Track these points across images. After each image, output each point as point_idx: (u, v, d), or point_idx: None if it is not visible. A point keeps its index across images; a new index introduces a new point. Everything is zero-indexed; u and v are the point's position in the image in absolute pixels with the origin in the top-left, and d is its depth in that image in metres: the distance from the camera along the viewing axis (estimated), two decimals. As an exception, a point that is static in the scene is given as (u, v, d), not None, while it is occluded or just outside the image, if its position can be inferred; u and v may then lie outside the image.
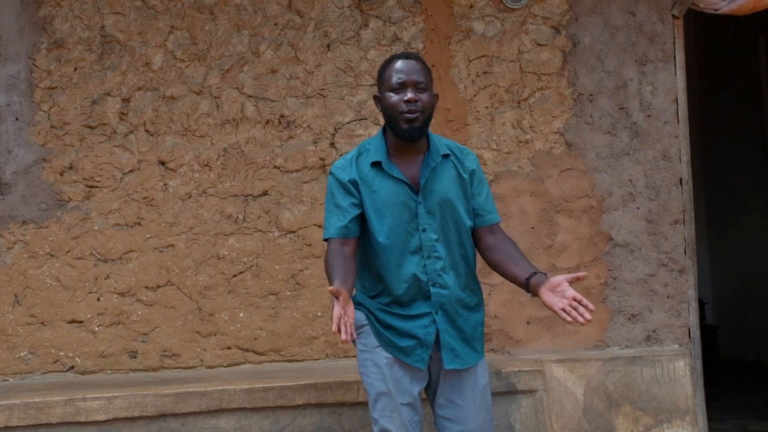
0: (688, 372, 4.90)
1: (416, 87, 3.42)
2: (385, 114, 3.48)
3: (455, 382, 3.51)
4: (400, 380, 3.44)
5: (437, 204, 3.47)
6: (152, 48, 4.87)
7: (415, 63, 3.46)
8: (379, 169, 3.47)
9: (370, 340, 3.49)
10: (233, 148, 4.89)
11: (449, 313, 3.49)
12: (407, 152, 3.50)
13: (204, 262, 4.84)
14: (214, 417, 4.20)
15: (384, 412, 3.44)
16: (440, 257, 3.47)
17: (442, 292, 3.47)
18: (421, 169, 3.48)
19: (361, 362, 3.53)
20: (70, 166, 4.77)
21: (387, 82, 3.45)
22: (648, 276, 5.07)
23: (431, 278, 3.46)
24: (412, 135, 3.42)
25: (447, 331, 3.47)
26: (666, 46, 5.18)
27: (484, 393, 3.57)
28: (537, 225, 5.02)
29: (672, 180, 5.13)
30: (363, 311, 3.51)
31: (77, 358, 4.73)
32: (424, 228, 3.45)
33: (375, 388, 3.46)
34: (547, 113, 5.08)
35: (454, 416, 3.51)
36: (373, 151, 3.50)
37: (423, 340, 3.45)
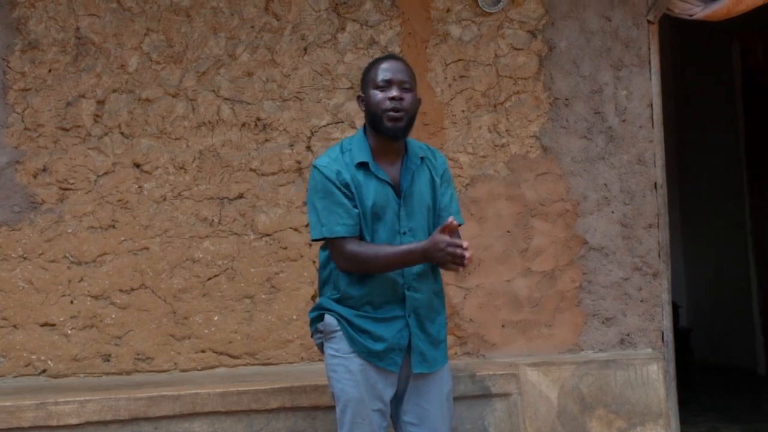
0: (661, 375, 4.93)
1: (401, 86, 3.45)
2: (369, 113, 3.49)
3: (422, 386, 3.53)
4: (374, 386, 3.45)
5: (416, 208, 3.50)
6: (128, 50, 4.84)
7: (400, 64, 3.52)
8: (366, 170, 3.48)
9: (342, 346, 3.48)
10: (209, 150, 4.87)
11: (420, 317, 3.50)
12: (388, 154, 3.52)
13: (179, 265, 4.82)
14: (187, 421, 4.19)
15: (355, 418, 3.44)
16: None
17: (416, 296, 3.48)
18: (401, 172, 3.50)
19: (331, 368, 3.52)
20: (44, 168, 4.74)
21: (372, 81, 3.49)
22: (622, 280, 5.10)
23: (407, 282, 3.47)
24: (395, 133, 3.44)
25: (417, 335, 3.49)
26: (641, 51, 5.21)
27: (448, 397, 3.61)
28: (513, 229, 5.03)
29: (647, 184, 5.15)
30: (334, 317, 3.51)
31: (50, 362, 4.70)
32: (405, 231, 3.47)
33: (347, 394, 3.46)
34: (523, 117, 5.10)
35: (420, 420, 3.52)
36: (356, 152, 3.50)
37: (396, 343, 3.46)
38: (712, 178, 9.64)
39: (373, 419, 3.43)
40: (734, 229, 9.22)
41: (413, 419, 3.53)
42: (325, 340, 3.55)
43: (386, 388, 3.48)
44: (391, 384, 3.49)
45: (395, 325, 3.47)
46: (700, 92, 9.67)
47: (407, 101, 3.45)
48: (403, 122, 3.44)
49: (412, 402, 3.53)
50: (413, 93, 3.50)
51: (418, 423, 3.53)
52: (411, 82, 3.50)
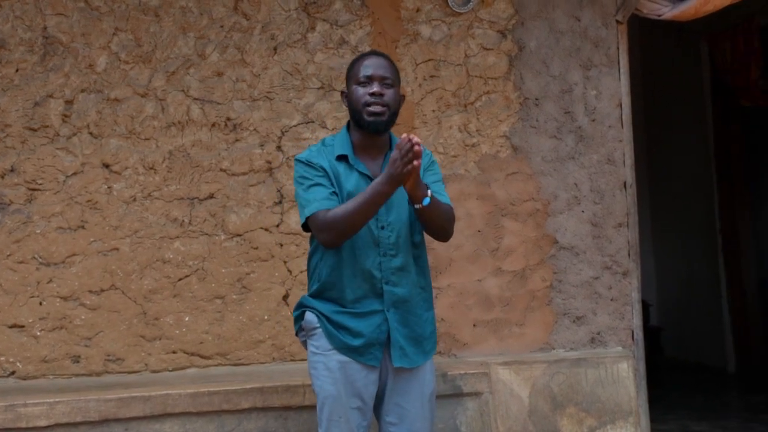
0: (631, 373, 4.95)
1: (382, 81, 3.47)
2: (351, 108, 3.52)
3: (403, 386, 3.52)
4: (353, 384, 3.43)
5: (396, 202, 3.49)
6: (96, 49, 4.81)
7: (383, 60, 3.53)
8: (345, 162, 3.49)
9: (322, 343, 3.48)
10: (179, 150, 4.85)
11: (400, 311, 3.49)
12: (370, 149, 3.53)
13: (149, 266, 4.79)
14: (158, 422, 4.17)
15: (332, 416, 3.43)
16: (396, 255, 3.48)
17: (394, 291, 3.48)
18: (382, 167, 3.50)
19: (312, 364, 3.52)
20: (12, 168, 4.70)
21: (354, 76, 3.51)
22: (592, 279, 5.12)
23: (385, 276, 3.47)
24: (377, 127, 3.45)
25: (397, 330, 3.47)
26: (610, 51, 5.24)
27: (431, 399, 3.59)
28: (483, 228, 5.04)
29: (616, 184, 5.18)
30: (314, 314, 3.50)
31: (18, 363, 4.66)
32: (383, 225, 3.47)
33: (324, 392, 3.45)
34: (493, 117, 5.11)
35: (399, 419, 3.52)
36: (338, 146, 3.52)
37: (375, 338, 3.45)
38: (681, 177, 9.72)
39: (351, 417, 3.42)
40: (704, 229, 9.29)
41: (393, 419, 3.53)
42: (307, 338, 3.54)
43: (367, 385, 3.46)
44: (372, 381, 3.48)
45: (373, 319, 3.46)
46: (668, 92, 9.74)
47: (388, 96, 3.46)
48: (385, 117, 3.45)
49: (393, 402, 3.52)
50: (395, 89, 3.51)
51: (397, 423, 3.52)
52: (393, 79, 3.51)
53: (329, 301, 3.49)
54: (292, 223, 4.89)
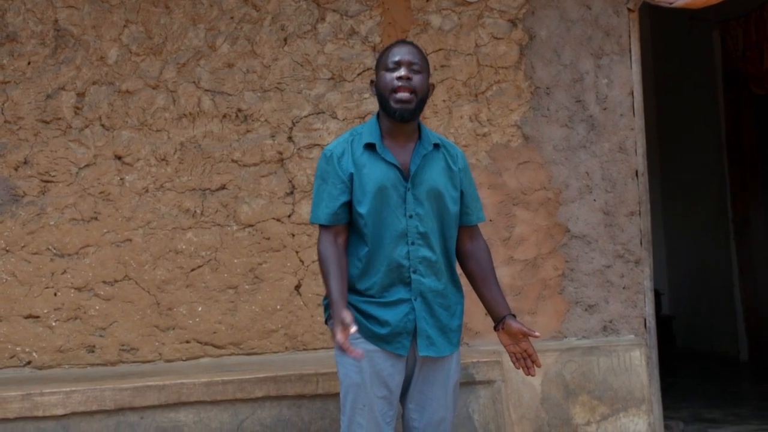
0: (644, 361, 4.96)
1: (410, 66, 3.45)
2: (379, 95, 3.50)
3: (429, 375, 3.52)
4: (379, 373, 3.43)
5: (425, 192, 3.48)
6: (107, 42, 4.83)
7: (412, 47, 3.54)
8: (372, 151, 3.48)
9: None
10: (190, 142, 4.87)
11: (428, 301, 3.49)
12: (399, 137, 3.51)
13: (162, 257, 4.82)
14: (173, 410, 4.19)
15: (356, 404, 3.43)
16: (424, 245, 3.48)
17: (422, 280, 3.47)
18: (412, 156, 3.50)
19: (338, 352, 3.49)
20: (25, 161, 4.73)
21: (383, 63, 3.51)
22: (604, 267, 5.12)
23: (413, 265, 3.46)
24: (403, 114, 3.43)
25: (425, 319, 3.47)
26: (621, 39, 5.23)
27: (455, 389, 3.60)
28: (495, 217, 5.05)
29: (628, 172, 5.18)
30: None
31: (34, 353, 4.69)
32: (411, 215, 3.46)
33: (349, 379, 3.45)
34: (504, 106, 5.12)
35: (422, 407, 3.53)
36: (366, 134, 3.51)
37: (403, 327, 3.44)
38: (693, 166, 9.70)
39: (376, 406, 3.42)
40: (716, 217, 9.28)
41: (416, 406, 3.53)
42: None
43: (393, 374, 3.46)
44: (398, 370, 3.47)
45: (401, 308, 3.45)
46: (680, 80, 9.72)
47: (416, 81, 3.45)
48: (412, 104, 3.43)
49: (417, 389, 3.53)
50: (424, 76, 3.49)
51: (420, 410, 3.53)
52: (422, 65, 3.50)
53: (356, 289, 3.48)
54: (303, 214, 4.90)
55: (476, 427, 4.48)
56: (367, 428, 3.42)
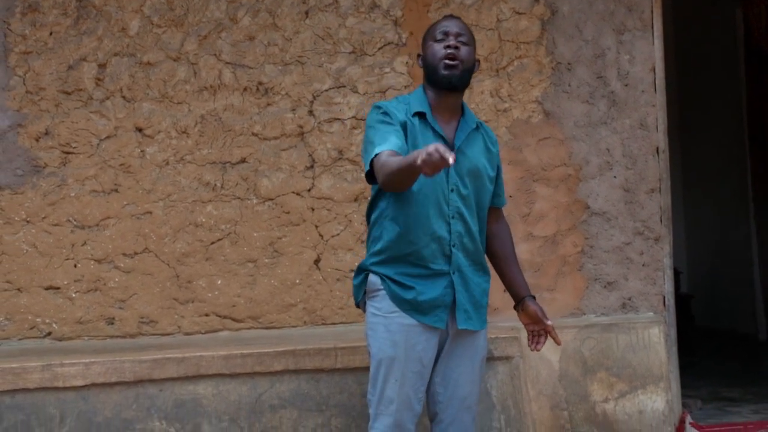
0: (662, 339, 4.95)
1: (458, 38, 3.48)
2: (426, 66, 3.52)
3: (458, 350, 3.53)
4: (414, 347, 3.42)
5: (467, 169, 3.50)
6: (129, 13, 4.82)
7: (459, 21, 3.58)
8: (422, 119, 3.49)
9: (384, 305, 3.46)
10: (211, 115, 4.87)
11: (465, 276, 3.50)
12: (445, 111, 3.53)
13: (182, 230, 4.83)
14: (192, 383, 4.21)
15: (389, 377, 3.42)
16: (463, 221, 3.49)
17: (460, 255, 3.48)
18: (456, 132, 3.52)
19: (371, 326, 3.50)
20: (46, 131, 4.74)
21: (431, 35, 3.54)
22: (624, 244, 5.10)
23: (453, 239, 3.47)
24: (451, 80, 3.45)
25: (462, 293, 3.48)
26: (644, 15, 5.19)
27: (481, 365, 3.61)
28: (515, 193, 5.03)
29: (649, 149, 5.15)
30: (377, 276, 3.49)
31: (54, 324, 4.72)
32: (452, 188, 3.47)
33: (382, 353, 3.44)
34: (525, 82, 5.09)
35: (446, 381, 3.53)
36: (415, 103, 3.52)
37: (441, 300, 3.44)
38: (713, 143, 9.64)
39: (408, 380, 3.41)
40: (736, 196, 9.23)
41: (441, 380, 3.54)
42: (368, 299, 3.53)
43: (427, 349, 3.45)
44: (432, 345, 3.47)
45: (440, 281, 3.45)
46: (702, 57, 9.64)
47: (464, 52, 3.48)
48: (459, 70, 3.45)
49: (445, 364, 3.53)
50: (471, 48, 3.53)
51: (444, 384, 3.54)
52: (469, 38, 3.53)
53: (393, 261, 3.47)
54: (323, 188, 4.90)
55: (494, 403, 4.48)
56: (398, 403, 3.42)
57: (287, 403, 4.28)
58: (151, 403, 4.17)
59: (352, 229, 4.91)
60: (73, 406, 4.11)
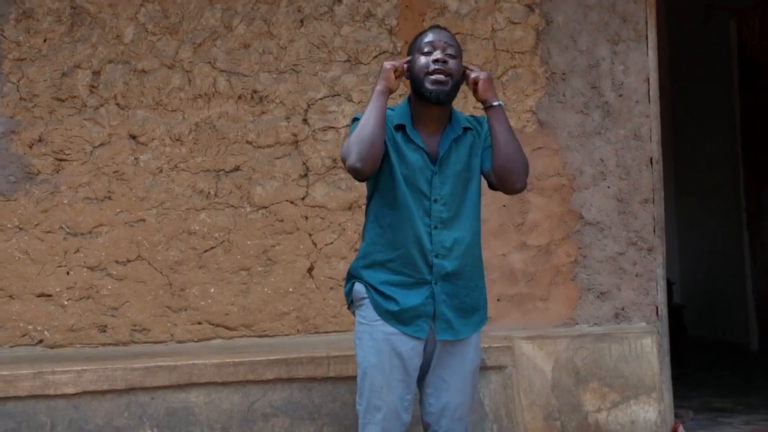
0: (655, 349, 4.95)
1: (445, 50, 3.44)
2: (412, 78, 3.47)
3: (447, 359, 3.51)
4: (398, 355, 3.42)
5: (452, 177, 3.47)
6: (123, 20, 4.82)
7: (446, 32, 3.53)
8: (403, 133, 3.46)
9: (368, 313, 3.45)
10: (205, 122, 4.87)
11: (450, 284, 3.47)
12: (429, 123, 3.49)
13: (175, 237, 4.82)
14: (184, 391, 4.20)
15: (374, 386, 3.41)
16: (447, 229, 3.46)
17: (444, 264, 3.45)
18: (440, 140, 3.49)
19: (357, 335, 3.50)
20: (40, 138, 4.74)
21: (417, 47, 3.49)
22: (617, 254, 5.11)
23: (435, 249, 3.45)
24: (438, 96, 3.40)
25: (444, 302, 3.45)
26: (638, 25, 5.20)
27: (473, 374, 3.58)
28: (508, 203, 5.03)
29: (642, 159, 5.16)
30: (363, 284, 3.49)
31: (46, 332, 4.70)
32: (436, 198, 3.45)
33: (367, 361, 3.44)
34: (519, 91, 5.09)
35: (437, 390, 3.51)
36: (396, 117, 3.49)
37: (422, 310, 3.43)
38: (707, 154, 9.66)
39: (393, 388, 3.40)
40: (729, 207, 9.24)
41: (432, 390, 3.52)
42: (355, 308, 3.53)
43: (412, 358, 3.44)
44: (417, 354, 3.45)
45: (421, 291, 3.43)
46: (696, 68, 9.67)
47: (451, 65, 3.43)
48: (447, 86, 3.41)
49: (436, 374, 3.51)
50: (458, 61, 3.48)
51: (435, 394, 3.52)
52: (456, 50, 3.49)
53: (377, 266, 3.46)
54: (317, 196, 4.90)
55: (487, 413, 4.48)
56: (385, 412, 3.40)
57: (279, 412, 4.27)
58: (142, 411, 4.16)
59: (345, 238, 4.91)
60: (65, 414, 4.09)
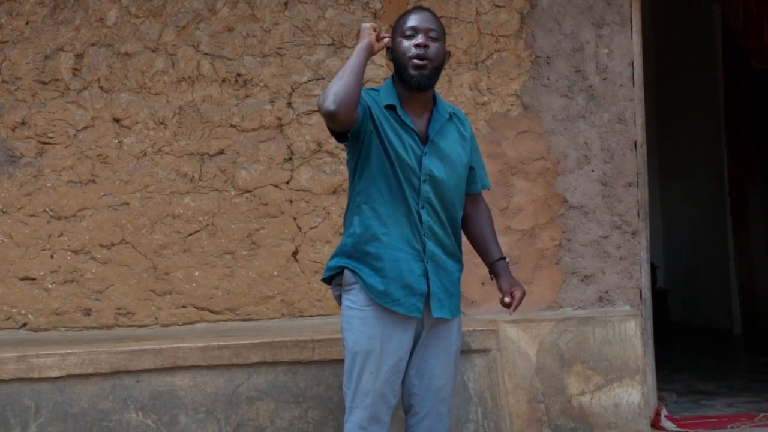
0: (638, 332, 4.97)
1: (427, 34, 3.43)
2: (395, 61, 3.47)
3: (432, 341, 3.52)
4: (390, 339, 3.42)
5: (440, 159, 3.48)
6: (106, 3, 4.80)
7: (428, 14, 3.51)
8: (392, 112, 3.46)
9: (359, 298, 3.45)
10: (189, 106, 4.85)
11: (438, 265, 3.49)
12: (415, 105, 3.50)
13: (159, 221, 4.81)
14: (168, 374, 4.19)
15: (364, 370, 3.41)
16: (435, 210, 3.47)
17: (431, 244, 3.47)
18: (429, 124, 3.50)
19: (346, 319, 3.49)
20: (23, 121, 4.71)
21: (400, 29, 3.48)
22: (601, 238, 5.12)
23: (424, 229, 3.46)
24: (419, 82, 3.41)
25: (435, 282, 3.47)
26: (623, 9, 5.20)
27: (456, 357, 3.60)
28: (493, 187, 5.01)
29: (626, 143, 5.17)
30: (351, 271, 3.47)
31: (30, 315, 4.69)
32: (425, 179, 3.45)
33: (358, 346, 3.43)
34: (504, 75, 5.09)
35: (420, 373, 3.52)
36: (384, 95, 3.48)
37: (417, 288, 3.43)
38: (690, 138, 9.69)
39: (383, 373, 3.40)
40: (712, 191, 9.28)
41: (416, 372, 3.53)
42: (343, 292, 3.52)
43: (403, 341, 3.45)
44: (408, 338, 3.47)
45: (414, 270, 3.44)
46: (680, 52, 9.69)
47: (432, 50, 3.42)
48: (427, 71, 3.41)
49: (419, 356, 3.53)
50: (440, 43, 3.47)
51: (419, 376, 3.53)
52: (438, 32, 3.47)
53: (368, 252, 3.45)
54: (302, 180, 4.89)
55: (471, 396, 4.49)
56: (373, 396, 3.41)
57: (264, 395, 4.27)
58: (127, 394, 4.15)
59: (330, 222, 4.91)
60: (49, 397, 4.09)
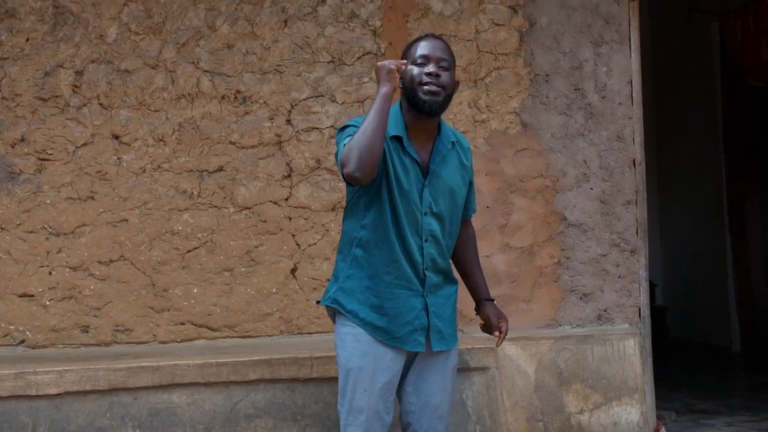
0: (637, 351, 4.97)
1: (439, 63, 3.41)
2: (405, 88, 3.45)
3: (428, 360, 3.52)
4: (382, 357, 3.42)
5: (441, 191, 3.48)
6: (106, 20, 4.81)
7: (440, 42, 3.50)
8: (398, 144, 3.44)
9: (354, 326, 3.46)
10: (188, 123, 4.85)
11: (437, 296, 3.49)
12: (421, 134, 3.48)
13: (158, 238, 4.81)
14: (166, 391, 4.18)
15: (357, 388, 3.41)
16: (436, 242, 3.47)
17: (433, 276, 3.47)
18: (432, 154, 3.48)
19: (339, 336, 3.48)
20: (22, 138, 4.71)
21: (411, 56, 3.46)
22: (600, 256, 5.12)
23: (426, 262, 3.46)
24: (431, 107, 3.39)
25: (435, 314, 3.47)
26: (621, 27, 5.22)
27: (452, 374, 3.60)
28: (492, 204, 5.04)
29: (625, 161, 5.18)
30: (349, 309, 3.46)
31: (28, 332, 4.68)
32: (426, 211, 3.45)
33: (351, 363, 3.42)
34: (503, 93, 5.10)
35: (417, 390, 3.52)
36: (392, 125, 3.43)
37: (418, 324, 3.44)
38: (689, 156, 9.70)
39: (376, 390, 3.40)
40: (711, 208, 9.28)
41: (413, 390, 3.53)
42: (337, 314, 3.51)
43: (396, 359, 3.45)
44: (402, 355, 3.46)
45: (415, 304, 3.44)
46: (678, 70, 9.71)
47: (444, 78, 3.41)
48: (440, 97, 3.39)
49: (416, 374, 3.53)
50: (451, 72, 3.46)
51: (416, 393, 3.53)
52: (450, 62, 3.46)
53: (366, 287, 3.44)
54: (301, 197, 4.89)
55: (470, 413, 4.48)
56: (367, 413, 3.40)
57: (262, 413, 4.26)
58: (125, 411, 4.14)
59: (329, 239, 4.90)
60: (46, 414, 4.08)
